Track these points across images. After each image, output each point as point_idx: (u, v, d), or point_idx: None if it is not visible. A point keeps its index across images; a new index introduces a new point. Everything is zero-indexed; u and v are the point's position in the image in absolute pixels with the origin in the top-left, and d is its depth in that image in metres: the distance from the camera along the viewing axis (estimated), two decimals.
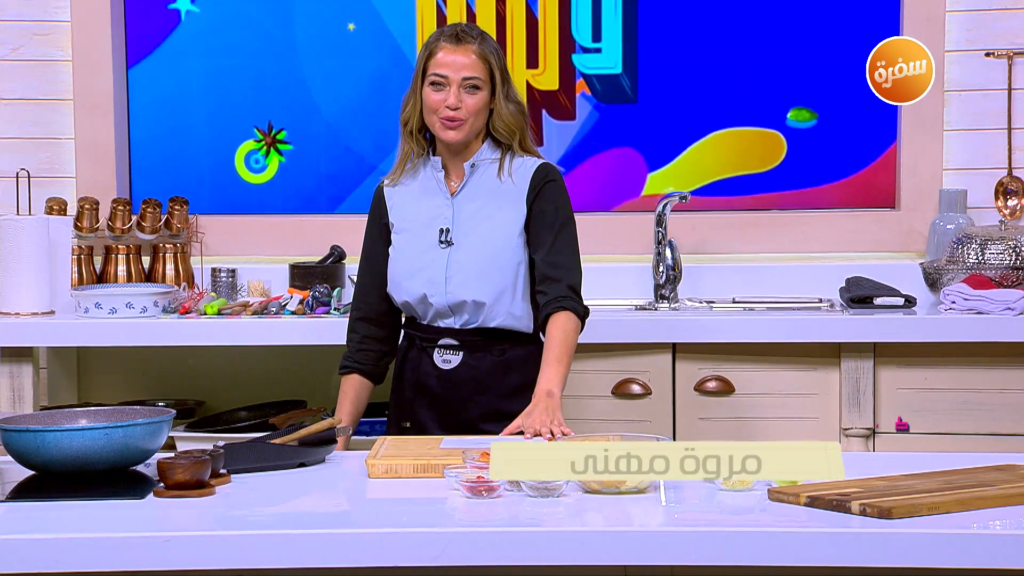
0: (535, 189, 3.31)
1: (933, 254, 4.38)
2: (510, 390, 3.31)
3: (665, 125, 4.59)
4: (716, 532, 2.35)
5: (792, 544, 2.33)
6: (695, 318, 4.10)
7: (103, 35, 4.54)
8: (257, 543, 2.36)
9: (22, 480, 2.72)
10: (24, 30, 4.54)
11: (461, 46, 3.27)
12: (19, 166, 4.41)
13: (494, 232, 3.30)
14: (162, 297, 4.19)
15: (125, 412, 2.85)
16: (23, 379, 4.12)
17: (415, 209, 3.36)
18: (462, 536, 2.36)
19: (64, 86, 4.57)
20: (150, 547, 2.35)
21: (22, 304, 4.18)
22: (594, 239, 4.51)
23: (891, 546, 2.32)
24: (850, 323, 4.02)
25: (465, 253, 3.30)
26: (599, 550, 2.35)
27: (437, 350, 3.33)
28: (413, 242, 3.34)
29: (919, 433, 4.02)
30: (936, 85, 4.47)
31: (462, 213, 3.32)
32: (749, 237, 4.57)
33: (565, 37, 4.59)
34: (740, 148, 4.60)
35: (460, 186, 3.33)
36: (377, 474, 2.75)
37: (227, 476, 2.71)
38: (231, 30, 4.63)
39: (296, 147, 4.65)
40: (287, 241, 4.58)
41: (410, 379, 3.37)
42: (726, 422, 4.04)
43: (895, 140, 4.56)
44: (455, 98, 3.26)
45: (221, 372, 4.44)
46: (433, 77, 3.28)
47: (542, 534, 2.36)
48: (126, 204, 4.45)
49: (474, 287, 3.28)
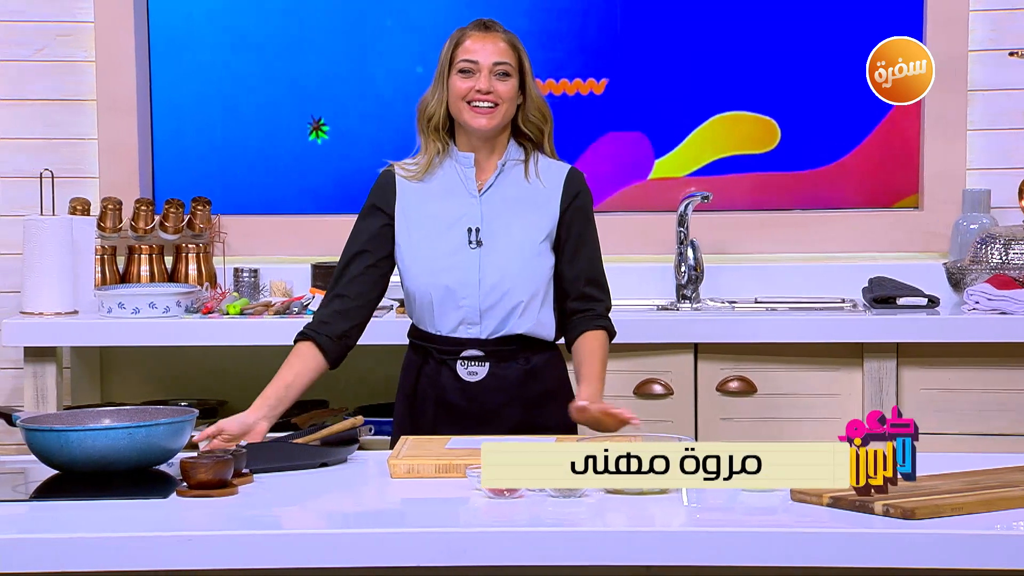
0: (570, 196, 3.24)
1: (956, 254, 4.37)
2: (536, 398, 3.23)
3: (673, 117, 4.60)
4: (738, 532, 2.35)
5: (815, 545, 2.33)
6: (717, 318, 4.10)
7: (126, 36, 4.56)
8: (280, 543, 2.36)
9: (46, 479, 2.73)
10: (48, 31, 4.56)
11: (490, 33, 3.21)
12: (43, 166, 4.42)
13: (526, 235, 3.21)
14: (185, 297, 4.20)
15: (148, 412, 2.86)
16: (46, 379, 4.14)
17: (436, 207, 3.22)
18: (484, 536, 2.36)
19: (87, 87, 4.58)
20: (173, 546, 2.35)
21: (46, 304, 4.20)
22: (616, 239, 4.51)
23: (914, 547, 2.31)
24: (873, 323, 4.01)
25: (497, 255, 3.19)
26: (621, 550, 2.35)
27: (460, 362, 3.21)
28: (435, 241, 3.21)
29: (942, 433, 4.00)
30: (959, 84, 4.47)
31: (490, 212, 3.21)
32: (771, 237, 4.56)
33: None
34: (740, 131, 4.59)
35: (487, 184, 3.23)
36: (399, 474, 2.75)
37: (249, 476, 2.71)
38: (255, 29, 4.64)
39: (332, 138, 4.66)
40: (309, 241, 4.59)
41: (429, 395, 3.23)
42: (748, 422, 4.04)
43: (886, 114, 4.53)
44: (486, 82, 3.16)
45: (243, 372, 4.44)
46: (462, 64, 3.18)
47: (564, 534, 2.36)
48: (149, 204, 4.46)
49: (509, 290, 3.18)
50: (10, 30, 4.54)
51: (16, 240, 4.43)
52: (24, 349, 4.15)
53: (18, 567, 2.34)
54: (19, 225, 4.35)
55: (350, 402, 4.34)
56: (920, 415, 4.02)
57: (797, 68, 4.58)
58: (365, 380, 4.27)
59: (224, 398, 4.46)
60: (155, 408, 2.90)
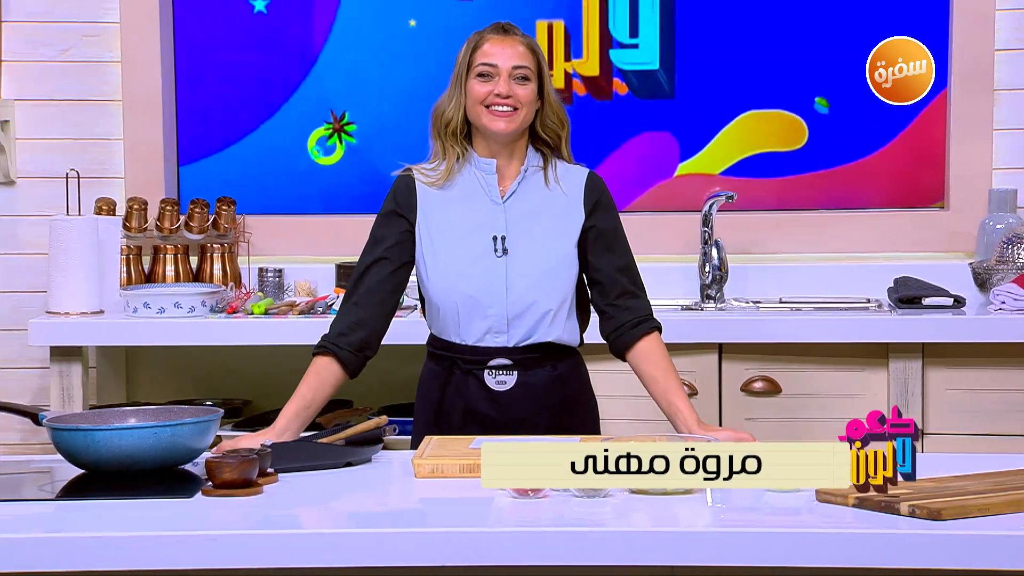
0: (592, 199, 3.19)
1: (982, 254, 4.35)
2: (564, 404, 3.20)
3: (701, 120, 4.58)
4: (763, 533, 2.34)
5: (840, 545, 2.32)
6: (741, 318, 4.09)
7: (152, 36, 4.57)
8: (304, 542, 2.37)
9: (72, 479, 2.74)
10: (73, 31, 4.58)
11: (509, 37, 3.17)
12: (69, 167, 4.44)
13: (551, 241, 3.17)
14: (209, 297, 4.21)
15: (173, 411, 2.86)
16: (72, 378, 4.16)
17: (458, 213, 3.18)
18: (508, 536, 2.36)
19: (113, 87, 4.60)
20: (198, 546, 2.36)
21: (72, 304, 4.22)
22: (640, 239, 4.47)
23: (941, 548, 2.30)
24: (898, 323, 3.99)
25: (524, 263, 3.15)
26: (645, 551, 2.34)
27: (488, 372, 3.17)
28: (457, 248, 3.16)
29: (969, 434, 3.99)
30: (985, 84, 4.45)
31: (515, 219, 3.17)
32: (796, 237, 4.55)
33: (603, 33, 4.59)
34: (767, 130, 4.58)
35: (510, 191, 3.18)
36: (423, 474, 2.75)
37: (274, 475, 2.72)
38: (288, 29, 4.65)
39: (359, 141, 4.67)
40: (333, 241, 4.59)
41: (457, 405, 3.18)
42: (773, 423, 4.03)
43: (919, 113, 4.52)
44: (506, 86, 3.11)
45: (267, 371, 4.46)
46: (481, 68, 3.14)
47: (588, 534, 2.36)
48: (174, 204, 4.48)
49: (537, 300, 3.14)
50: (36, 31, 4.57)
51: (42, 240, 4.46)
52: (50, 349, 4.17)
53: (44, 566, 2.35)
54: (45, 225, 4.37)
55: (374, 402, 4.34)
56: (946, 415, 4.01)
57: (828, 65, 4.56)
58: (389, 380, 4.27)
59: (248, 398, 4.47)
60: (180, 408, 2.90)
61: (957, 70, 4.48)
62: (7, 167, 4.54)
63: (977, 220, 4.45)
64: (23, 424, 4.52)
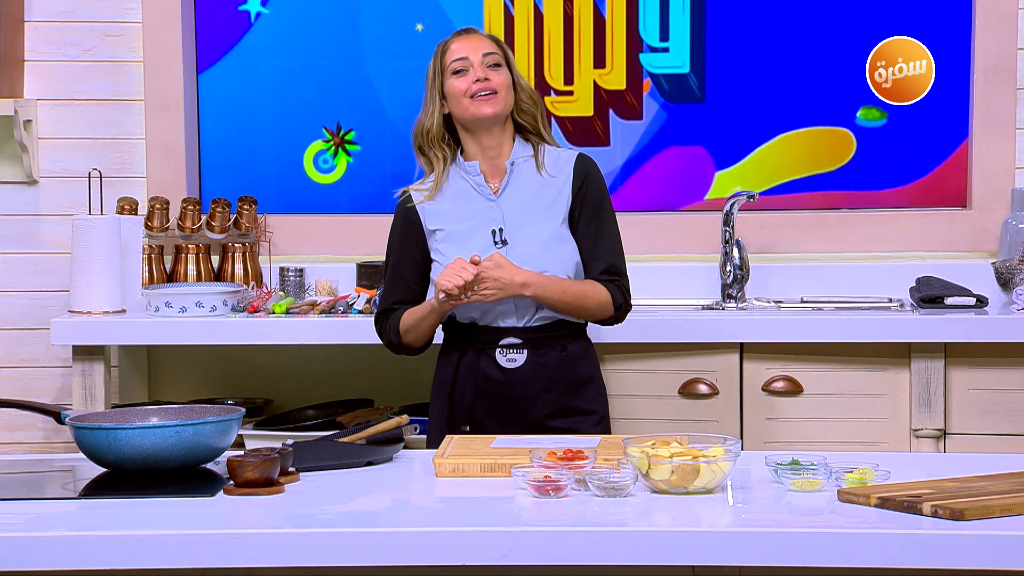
0: (579, 178, 3.37)
1: (1005, 254, 4.34)
2: (575, 384, 3.35)
3: (733, 124, 4.57)
4: (785, 533, 2.34)
5: (862, 545, 2.31)
6: (763, 318, 4.08)
7: (174, 36, 4.58)
8: (326, 541, 2.37)
9: (94, 477, 2.75)
10: (96, 31, 4.59)
11: (473, 34, 3.41)
12: (91, 166, 4.45)
13: (546, 226, 3.34)
14: (231, 296, 4.22)
15: (195, 410, 2.87)
16: (95, 377, 4.17)
17: (457, 216, 3.37)
18: (530, 535, 2.37)
19: (135, 87, 4.61)
20: (220, 544, 2.36)
21: (94, 303, 4.23)
22: (661, 238, 4.50)
23: (963, 548, 2.29)
24: (920, 323, 3.98)
25: (523, 249, 3.32)
26: (667, 550, 2.34)
27: (500, 350, 3.33)
28: (463, 248, 3.32)
29: (991, 434, 3.97)
30: (1008, 82, 4.43)
31: (510, 212, 3.36)
32: (817, 236, 4.53)
33: (632, 36, 4.58)
34: (809, 148, 4.57)
35: (502, 186, 3.37)
36: (444, 473, 2.75)
37: (296, 474, 2.72)
38: (300, 31, 4.66)
39: (364, 147, 4.67)
40: (354, 240, 4.60)
41: (469, 383, 3.35)
42: (794, 422, 4.02)
43: (966, 137, 4.51)
44: (482, 71, 3.33)
45: (289, 371, 4.47)
46: (455, 65, 3.35)
47: (609, 534, 2.36)
48: (196, 204, 4.49)
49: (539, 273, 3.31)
50: (59, 30, 4.58)
51: (65, 239, 4.47)
52: (72, 348, 4.18)
53: (67, 564, 2.36)
54: (68, 224, 4.39)
55: (395, 401, 4.35)
56: (968, 415, 4.00)
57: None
58: (410, 380, 4.28)
59: (270, 396, 4.48)
60: (202, 407, 2.91)
61: (980, 68, 4.47)
62: (30, 167, 4.56)
63: (1000, 219, 4.43)
64: (46, 423, 4.53)
